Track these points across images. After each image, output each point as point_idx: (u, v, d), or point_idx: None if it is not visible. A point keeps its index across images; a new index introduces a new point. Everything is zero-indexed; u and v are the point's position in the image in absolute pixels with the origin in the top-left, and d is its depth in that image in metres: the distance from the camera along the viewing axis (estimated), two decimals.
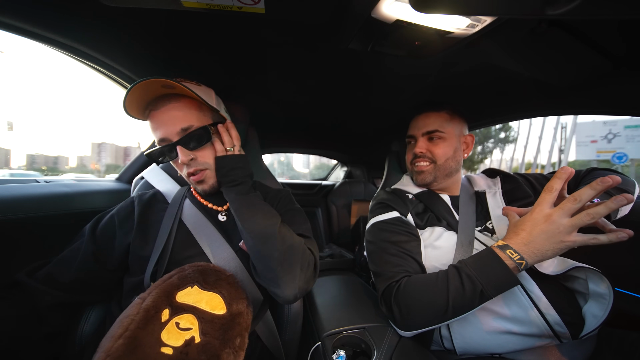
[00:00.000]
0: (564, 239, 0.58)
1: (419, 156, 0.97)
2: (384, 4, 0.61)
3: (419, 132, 0.98)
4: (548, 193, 0.63)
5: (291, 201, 0.89)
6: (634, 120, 10.06)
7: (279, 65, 0.99)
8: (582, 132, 11.27)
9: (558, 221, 0.59)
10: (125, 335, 0.51)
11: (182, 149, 0.69)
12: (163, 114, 0.69)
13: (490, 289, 0.63)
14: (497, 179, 1.02)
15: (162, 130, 0.69)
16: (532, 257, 0.61)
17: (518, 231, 0.64)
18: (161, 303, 0.58)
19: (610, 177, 0.56)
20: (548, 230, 0.60)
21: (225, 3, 0.63)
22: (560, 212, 0.59)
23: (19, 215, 0.75)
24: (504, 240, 0.66)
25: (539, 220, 0.62)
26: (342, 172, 2.97)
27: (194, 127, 0.70)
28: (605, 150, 10.52)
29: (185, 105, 0.71)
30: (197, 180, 0.74)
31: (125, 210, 0.75)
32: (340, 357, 0.65)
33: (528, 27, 0.69)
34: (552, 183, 0.63)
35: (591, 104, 1.06)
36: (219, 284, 0.65)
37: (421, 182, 0.99)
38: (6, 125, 25.85)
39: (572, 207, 0.58)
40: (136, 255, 0.69)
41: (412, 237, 0.86)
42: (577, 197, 0.58)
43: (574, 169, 0.66)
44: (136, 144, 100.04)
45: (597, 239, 0.58)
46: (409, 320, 0.70)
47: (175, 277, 0.62)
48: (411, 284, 0.72)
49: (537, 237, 0.61)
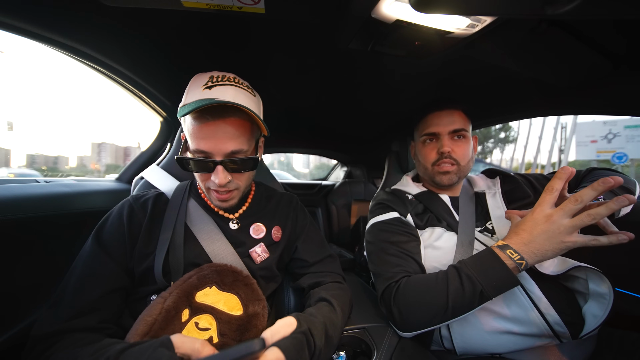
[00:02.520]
0: (564, 239, 0.58)
1: (445, 156, 0.90)
2: (384, 4, 0.61)
3: (445, 130, 0.90)
4: (549, 193, 0.62)
5: (305, 214, 0.91)
6: (634, 120, 10.06)
7: (279, 65, 0.99)
8: (582, 132, 11.27)
9: (559, 221, 0.59)
10: (150, 335, 0.54)
11: (224, 171, 0.65)
12: (217, 128, 0.63)
13: (490, 290, 0.62)
14: (496, 180, 1.01)
15: (210, 144, 0.63)
16: (532, 257, 0.61)
17: (518, 231, 0.64)
18: (181, 304, 0.60)
19: (612, 177, 0.55)
20: (548, 230, 0.59)
21: (225, 3, 0.63)
22: (561, 213, 0.59)
23: (19, 215, 0.75)
24: (504, 241, 0.66)
25: (539, 221, 0.61)
26: (342, 172, 2.97)
27: (243, 151, 0.66)
28: (605, 150, 10.51)
29: (241, 125, 0.65)
30: (221, 199, 0.71)
31: (129, 218, 0.70)
32: (340, 357, 0.65)
33: (528, 27, 0.69)
34: (552, 183, 0.63)
35: (591, 104, 1.06)
36: (236, 285, 0.66)
37: (448, 182, 0.93)
38: (6, 125, 25.95)
39: (573, 208, 0.58)
40: (140, 253, 0.68)
41: (412, 238, 0.86)
42: (578, 197, 0.58)
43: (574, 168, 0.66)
44: (136, 144, 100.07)
45: (598, 241, 0.57)
46: (408, 320, 0.70)
47: (194, 278, 0.63)
48: (410, 285, 0.72)
49: (538, 237, 0.61)
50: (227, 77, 0.68)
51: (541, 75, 0.93)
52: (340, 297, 0.74)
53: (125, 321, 0.63)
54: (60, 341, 0.53)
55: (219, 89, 0.64)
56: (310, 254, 0.83)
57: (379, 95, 1.24)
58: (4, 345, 0.70)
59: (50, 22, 0.72)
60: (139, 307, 0.64)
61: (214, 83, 0.65)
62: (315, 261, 0.83)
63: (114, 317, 0.62)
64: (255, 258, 0.76)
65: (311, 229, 0.88)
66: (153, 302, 0.60)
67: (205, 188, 0.72)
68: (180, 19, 0.73)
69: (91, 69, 0.95)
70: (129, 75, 0.99)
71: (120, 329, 0.62)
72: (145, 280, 0.66)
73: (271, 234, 0.80)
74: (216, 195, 0.70)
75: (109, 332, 0.59)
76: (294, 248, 0.85)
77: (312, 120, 1.68)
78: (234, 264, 0.70)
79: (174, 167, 0.97)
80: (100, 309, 0.59)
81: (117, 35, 0.79)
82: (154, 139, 1.34)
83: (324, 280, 0.79)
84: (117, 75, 0.98)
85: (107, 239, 0.66)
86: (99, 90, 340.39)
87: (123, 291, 0.65)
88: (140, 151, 1.39)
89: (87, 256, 0.63)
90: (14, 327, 0.74)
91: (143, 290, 0.66)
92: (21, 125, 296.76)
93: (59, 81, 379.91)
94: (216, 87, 0.64)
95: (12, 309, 0.75)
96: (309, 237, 0.87)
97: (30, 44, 1.05)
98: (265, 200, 0.87)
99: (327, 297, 0.71)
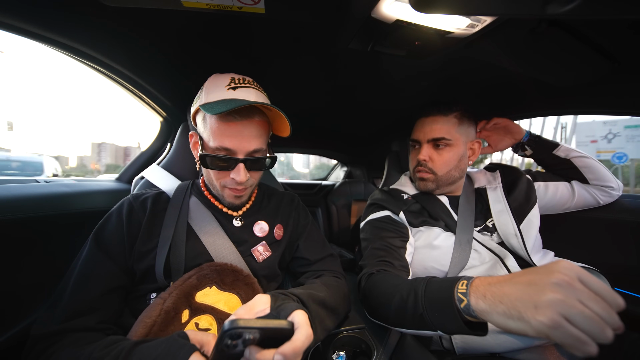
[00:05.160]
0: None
1: (422, 164, 0.93)
2: (384, 4, 0.61)
3: (424, 138, 0.92)
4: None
5: (306, 213, 0.92)
6: (634, 120, 10.05)
7: (278, 65, 0.99)
8: (582, 132, 11.25)
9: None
10: (149, 337, 0.54)
11: (245, 169, 0.67)
12: (243, 127, 0.65)
13: (433, 321, 0.53)
14: (496, 173, 1.02)
15: (235, 142, 0.65)
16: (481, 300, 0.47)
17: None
18: (181, 304, 0.60)
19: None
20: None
21: (225, 3, 0.63)
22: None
23: (19, 215, 0.75)
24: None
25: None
26: (342, 172, 2.97)
27: (262, 150, 0.69)
28: (605, 150, 10.50)
29: (262, 126, 0.69)
30: (237, 195, 0.73)
31: (129, 216, 0.70)
32: (340, 357, 0.65)
33: (528, 27, 0.69)
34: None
35: (591, 104, 1.06)
36: (237, 285, 0.66)
37: (423, 188, 0.96)
38: (6, 125, 25.89)
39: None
40: (140, 252, 0.67)
41: (399, 234, 0.87)
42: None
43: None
44: (136, 144, 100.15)
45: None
46: (370, 312, 0.72)
47: (194, 277, 0.63)
48: (377, 279, 0.72)
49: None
50: (247, 80, 0.71)
51: (541, 75, 0.93)
52: (331, 283, 0.74)
53: (125, 320, 0.63)
54: (60, 341, 0.53)
55: (242, 91, 0.67)
56: (311, 253, 0.84)
57: (379, 94, 1.24)
58: (5, 345, 0.70)
59: (50, 22, 0.71)
60: (139, 305, 0.64)
61: (237, 85, 0.68)
62: (317, 259, 0.83)
63: (113, 317, 0.62)
64: (258, 256, 0.76)
65: (312, 228, 0.89)
66: (152, 304, 0.60)
67: (220, 186, 0.73)
68: (181, 19, 0.73)
69: (91, 69, 0.95)
70: (129, 75, 0.99)
71: (119, 329, 0.62)
72: (146, 278, 0.66)
73: (273, 232, 0.81)
74: (232, 192, 0.72)
75: (108, 333, 0.59)
76: (295, 247, 0.85)
77: (312, 120, 1.68)
78: (235, 263, 0.70)
79: (175, 166, 0.97)
80: (99, 308, 0.59)
81: (117, 35, 0.79)
82: (154, 139, 1.34)
83: (324, 276, 0.80)
84: (117, 75, 0.97)
85: (106, 238, 0.66)
86: (99, 90, 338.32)
87: (122, 290, 0.65)
88: (140, 151, 1.39)
89: (85, 256, 0.63)
90: (14, 326, 0.74)
91: (143, 288, 0.66)
92: (21, 125, 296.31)
93: (59, 81, 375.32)
94: (240, 89, 0.67)
95: (13, 308, 0.75)
96: (311, 236, 0.87)
97: (30, 44, 1.05)
98: (267, 199, 0.87)
99: (316, 281, 0.74)
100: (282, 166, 44.15)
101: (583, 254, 0.69)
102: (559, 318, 0.38)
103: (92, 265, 0.62)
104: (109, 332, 0.59)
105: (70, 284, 0.60)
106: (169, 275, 0.66)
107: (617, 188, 0.97)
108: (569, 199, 0.98)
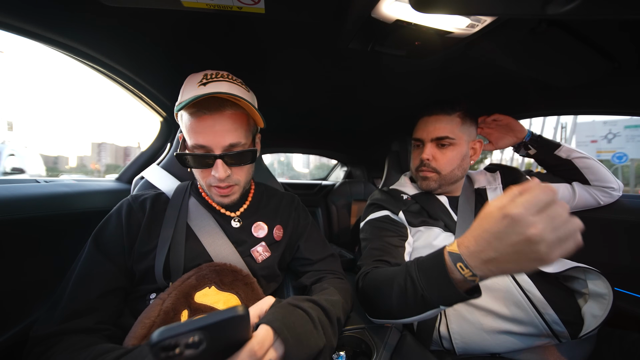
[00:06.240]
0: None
1: (425, 164, 0.92)
2: (384, 4, 0.61)
3: (428, 137, 0.91)
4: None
5: (306, 214, 0.91)
6: (634, 120, 10.06)
7: (279, 65, 0.99)
8: (582, 132, 11.27)
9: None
10: (148, 337, 0.53)
11: (224, 165, 0.65)
12: (215, 122, 0.63)
13: (435, 299, 0.53)
14: (496, 174, 1.02)
15: (207, 138, 0.64)
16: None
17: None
18: (180, 305, 0.59)
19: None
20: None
21: (225, 3, 0.63)
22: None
23: (19, 215, 0.75)
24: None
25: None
26: (342, 172, 2.97)
27: (241, 144, 0.67)
28: (605, 150, 10.51)
29: (239, 118, 0.66)
30: (223, 195, 0.71)
31: (128, 217, 0.70)
32: (340, 357, 0.65)
33: (528, 27, 0.69)
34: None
35: (591, 104, 1.06)
36: (236, 285, 0.66)
37: (426, 187, 0.95)
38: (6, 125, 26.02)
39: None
40: (139, 252, 0.67)
41: (397, 233, 0.87)
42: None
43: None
44: (136, 144, 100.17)
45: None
46: (369, 310, 0.71)
47: (193, 278, 0.63)
48: (374, 275, 0.71)
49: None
50: (221, 74, 0.69)
51: (541, 75, 0.93)
52: (339, 286, 0.74)
53: (125, 320, 0.63)
54: (58, 343, 0.52)
55: (213, 85, 0.65)
56: (313, 253, 0.84)
57: (379, 94, 1.24)
58: (6, 344, 0.71)
59: (50, 22, 0.71)
60: (139, 305, 0.64)
61: (208, 80, 0.66)
62: (318, 259, 0.83)
63: (111, 318, 0.62)
64: (257, 257, 0.76)
65: (313, 229, 0.89)
66: (151, 304, 0.60)
67: (206, 185, 0.72)
68: (181, 19, 0.73)
69: (91, 69, 0.95)
70: (129, 75, 0.99)
71: (119, 329, 0.62)
72: (145, 278, 0.66)
73: (273, 233, 0.81)
74: (217, 190, 0.70)
75: (106, 333, 0.59)
76: (296, 247, 0.85)
77: (312, 120, 1.68)
78: (235, 263, 0.70)
79: (174, 167, 0.97)
80: (98, 309, 0.59)
81: (117, 35, 0.79)
82: (154, 139, 1.34)
83: (326, 277, 0.80)
84: (117, 75, 0.97)
85: (105, 239, 0.66)
86: (99, 90, 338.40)
87: (121, 291, 0.65)
88: (140, 151, 1.39)
89: (85, 257, 0.64)
90: (14, 326, 0.74)
91: (143, 289, 0.66)
92: (21, 125, 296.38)
93: (59, 81, 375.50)
94: (211, 83, 0.65)
95: (13, 308, 0.75)
96: (311, 236, 0.87)
97: (30, 44, 1.06)
98: (266, 200, 0.87)
99: (327, 285, 0.73)
100: (282, 166, 44.14)
101: (583, 254, 0.69)
102: (551, 234, 0.40)
103: (91, 266, 0.62)
104: (108, 333, 0.59)
105: (69, 284, 0.60)
106: (169, 276, 0.66)
107: (618, 189, 0.97)
108: (569, 200, 0.99)
